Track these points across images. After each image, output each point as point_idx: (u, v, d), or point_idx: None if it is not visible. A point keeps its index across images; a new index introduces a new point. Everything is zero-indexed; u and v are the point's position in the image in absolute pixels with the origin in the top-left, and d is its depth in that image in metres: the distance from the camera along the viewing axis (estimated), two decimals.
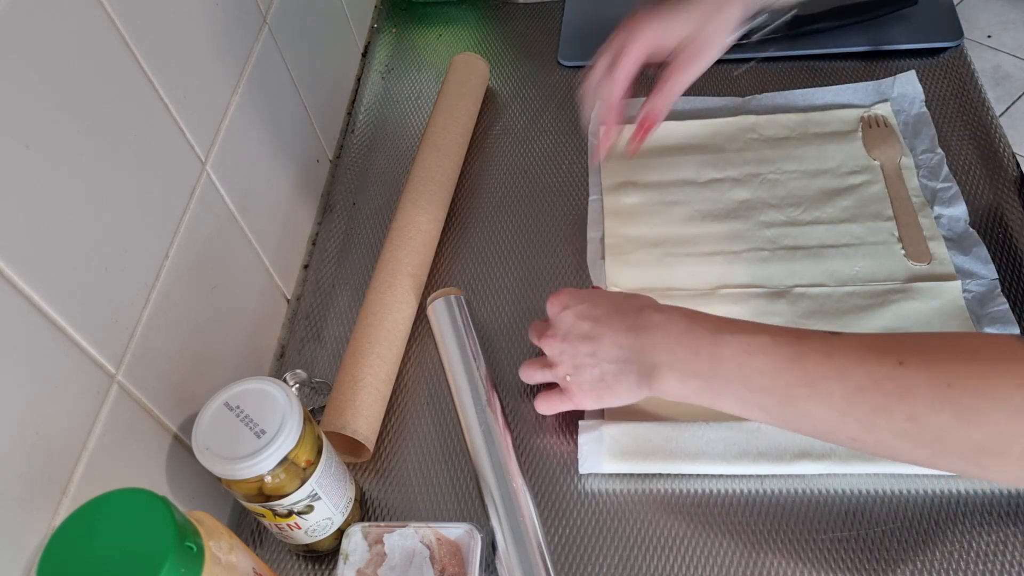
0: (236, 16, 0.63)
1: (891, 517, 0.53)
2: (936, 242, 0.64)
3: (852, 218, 0.67)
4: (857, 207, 0.68)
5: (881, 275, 0.64)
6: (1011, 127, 1.84)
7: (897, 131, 0.72)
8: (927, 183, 0.68)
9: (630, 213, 0.71)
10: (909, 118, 0.73)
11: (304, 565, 0.57)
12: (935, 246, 0.64)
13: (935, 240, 0.65)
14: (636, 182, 0.73)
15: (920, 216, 0.66)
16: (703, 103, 0.78)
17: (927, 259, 0.64)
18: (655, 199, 0.72)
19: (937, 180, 0.68)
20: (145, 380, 0.50)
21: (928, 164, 0.69)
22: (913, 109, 0.73)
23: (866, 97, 0.76)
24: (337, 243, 0.75)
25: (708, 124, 0.76)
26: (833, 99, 0.76)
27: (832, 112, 0.75)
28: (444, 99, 0.78)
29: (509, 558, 0.52)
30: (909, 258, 0.64)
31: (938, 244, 0.64)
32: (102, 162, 0.47)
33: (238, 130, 0.63)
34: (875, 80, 0.76)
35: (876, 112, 0.74)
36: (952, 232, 0.65)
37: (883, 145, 0.72)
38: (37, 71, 0.42)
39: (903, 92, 0.75)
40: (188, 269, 0.55)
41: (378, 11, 0.97)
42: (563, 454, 0.59)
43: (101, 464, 0.45)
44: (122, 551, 0.37)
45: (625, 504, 0.56)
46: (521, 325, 0.66)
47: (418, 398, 0.64)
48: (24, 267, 0.40)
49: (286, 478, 0.48)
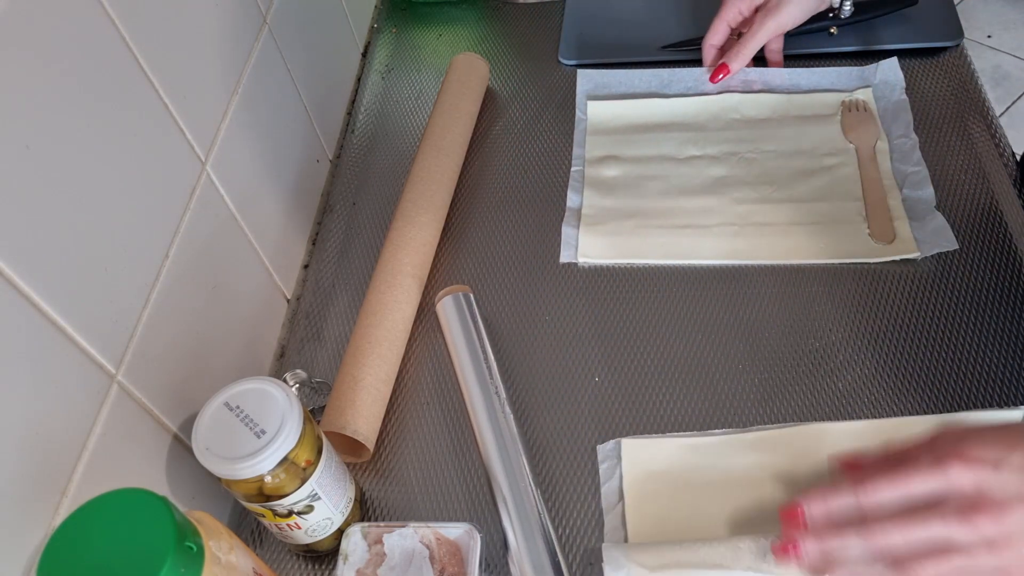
0: (236, 16, 0.63)
1: None
2: (901, 222, 0.66)
3: (822, 197, 0.69)
4: (828, 187, 0.70)
5: (843, 252, 0.66)
6: (1011, 127, 1.84)
7: (876, 116, 0.74)
8: (899, 167, 0.70)
9: (609, 185, 0.73)
10: (889, 104, 0.75)
11: (304, 565, 0.57)
12: (900, 226, 0.66)
13: (900, 220, 0.66)
14: (618, 156, 0.76)
15: (888, 198, 0.68)
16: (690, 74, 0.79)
17: (890, 238, 0.65)
18: (634, 172, 0.74)
19: (909, 164, 0.70)
20: (145, 380, 0.50)
21: (902, 148, 0.71)
22: (894, 96, 0.75)
23: (849, 82, 0.77)
24: (337, 243, 0.75)
25: (694, 102, 0.78)
26: (818, 81, 0.78)
27: (814, 95, 0.76)
28: (444, 99, 0.78)
29: (520, 556, 0.52)
30: (873, 237, 0.66)
31: (903, 224, 0.66)
32: (102, 162, 0.47)
33: (238, 130, 0.63)
34: (860, 66, 0.77)
35: (857, 97, 0.76)
36: (917, 213, 0.67)
37: (860, 129, 0.73)
38: (37, 71, 0.42)
39: (885, 79, 0.76)
40: (188, 269, 0.55)
41: (378, 11, 0.97)
42: (575, 457, 0.59)
43: (101, 464, 0.45)
44: (122, 551, 0.37)
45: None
46: (520, 325, 0.66)
47: (418, 398, 0.64)
48: (24, 267, 0.40)
49: (286, 478, 0.48)
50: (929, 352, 0.60)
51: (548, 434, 0.60)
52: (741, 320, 0.64)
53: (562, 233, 0.71)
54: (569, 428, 0.60)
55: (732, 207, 0.70)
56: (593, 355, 0.64)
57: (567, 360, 0.64)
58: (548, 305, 0.67)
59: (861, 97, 0.75)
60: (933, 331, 0.61)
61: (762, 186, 0.71)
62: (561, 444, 0.60)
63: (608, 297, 0.67)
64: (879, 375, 0.60)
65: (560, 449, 0.60)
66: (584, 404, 0.61)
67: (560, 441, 0.60)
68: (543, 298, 0.68)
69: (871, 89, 0.76)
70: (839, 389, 0.60)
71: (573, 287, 0.68)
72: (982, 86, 0.76)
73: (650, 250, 0.68)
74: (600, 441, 0.59)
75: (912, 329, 0.62)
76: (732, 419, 0.59)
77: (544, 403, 0.62)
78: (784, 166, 0.72)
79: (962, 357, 0.60)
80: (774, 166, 0.72)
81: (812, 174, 0.71)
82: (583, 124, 0.79)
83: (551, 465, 0.59)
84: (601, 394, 0.62)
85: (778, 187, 0.71)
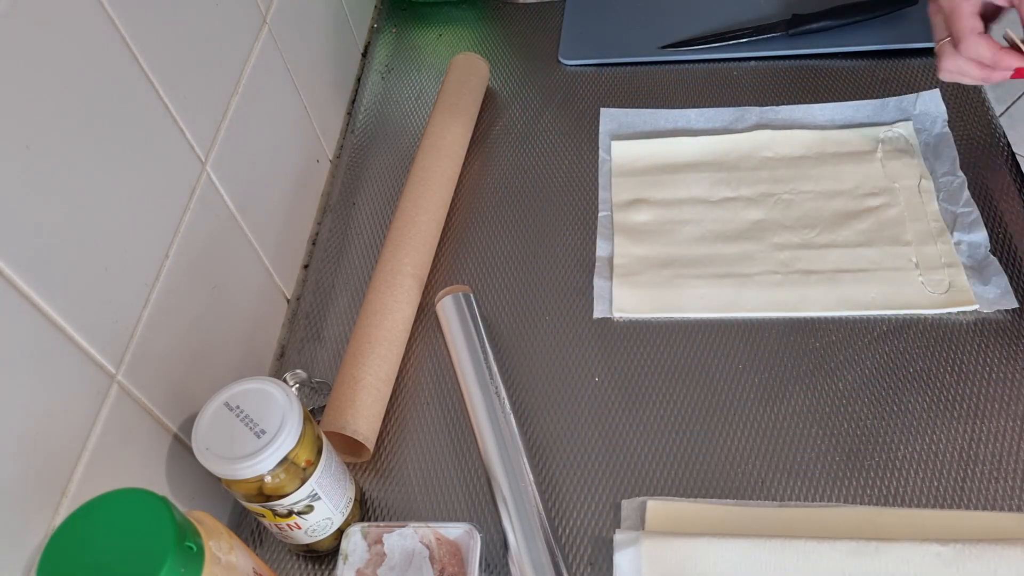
0: (236, 16, 0.63)
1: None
2: (955, 269, 0.63)
3: (868, 242, 0.66)
4: (874, 231, 0.66)
5: (897, 302, 0.62)
6: (1011, 127, 1.83)
7: (918, 152, 0.71)
8: (947, 207, 0.67)
9: (640, 231, 0.70)
10: (931, 138, 0.71)
11: (304, 565, 0.57)
12: (954, 273, 0.63)
13: (954, 267, 0.63)
14: (647, 199, 0.72)
15: (939, 242, 0.65)
16: (719, 115, 0.77)
17: (945, 287, 0.62)
18: (666, 217, 0.71)
19: (958, 205, 0.66)
20: (145, 380, 0.50)
21: (949, 187, 0.67)
22: (935, 128, 0.72)
23: (887, 115, 0.74)
24: (337, 243, 0.75)
25: (723, 140, 0.74)
26: (853, 115, 0.74)
27: (850, 131, 0.73)
28: (444, 99, 0.78)
29: (520, 556, 0.52)
30: (927, 285, 0.63)
31: (957, 271, 0.63)
32: (102, 162, 0.47)
33: (238, 130, 0.63)
34: (896, 96, 0.75)
35: (897, 131, 0.72)
36: (972, 259, 0.63)
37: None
38: (37, 71, 0.42)
39: (925, 110, 0.73)
40: (188, 269, 0.55)
41: (378, 11, 0.97)
42: (575, 454, 0.59)
43: (101, 464, 0.45)
44: (122, 551, 0.37)
45: None
46: (521, 325, 0.66)
47: (418, 398, 0.64)
48: (24, 267, 0.40)
49: (286, 478, 0.48)
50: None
51: (548, 434, 0.60)
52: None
53: (594, 286, 0.67)
54: (569, 428, 0.60)
55: (773, 253, 0.66)
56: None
57: (568, 360, 0.64)
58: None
59: (901, 131, 0.72)
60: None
61: (803, 230, 0.67)
62: (561, 444, 0.60)
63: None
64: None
65: (560, 449, 0.60)
66: (585, 405, 0.61)
67: (560, 441, 0.60)
68: (543, 299, 0.68)
69: (911, 122, 0.72)
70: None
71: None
72: (982, 86, 0.76)
73: (689, 302, 0.65)
74: (600, 441, 0.59)
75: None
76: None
77: (544, 403, 0.62)
78: (824, 207, 0.68)
79: None
80: (813, 207, 0.69)
81: (855, 216, 0.67)
82: (607, 165, 0.75)
83: (551, 465, 0.59)
84: (602, 394, 0.62)
85: (820, 231, 0.67)
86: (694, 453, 0.58)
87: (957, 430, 0.56)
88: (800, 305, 0.64)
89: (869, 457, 0.56)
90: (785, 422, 0.59)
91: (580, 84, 0.84)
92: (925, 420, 0.57)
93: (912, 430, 0.57)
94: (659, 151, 0.75)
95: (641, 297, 0.66)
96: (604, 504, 0.57)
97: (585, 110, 0.81)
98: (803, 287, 0.64)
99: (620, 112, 0.79)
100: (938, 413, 0.57)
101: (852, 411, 0.58)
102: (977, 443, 0.56)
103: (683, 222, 0.70)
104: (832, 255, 0.66)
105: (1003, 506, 0.53)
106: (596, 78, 0.84)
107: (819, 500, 0.55)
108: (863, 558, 0.50)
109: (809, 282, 0.64)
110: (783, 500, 0.55)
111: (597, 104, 0.81)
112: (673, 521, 0.54)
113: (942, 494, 0.54)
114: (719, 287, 0.65)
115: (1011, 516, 0.52)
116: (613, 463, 0.58)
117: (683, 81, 0.82)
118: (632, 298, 0.66)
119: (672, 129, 0.77)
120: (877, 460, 0.56)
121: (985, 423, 0.56)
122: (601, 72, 0.84)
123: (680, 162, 0.74)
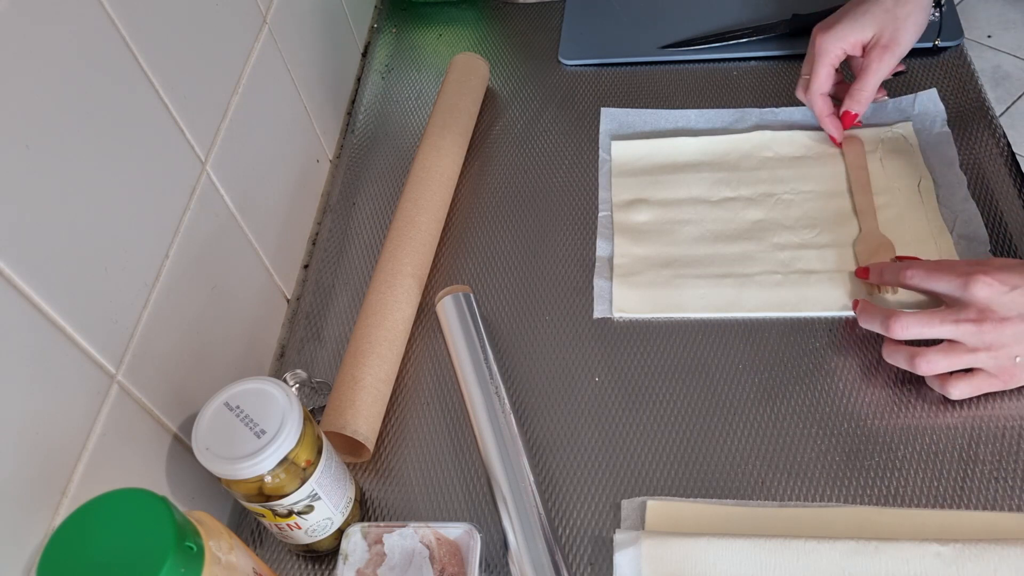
0: (236, 16, 0.63)
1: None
2: None
3: None
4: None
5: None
6: (1011, 127, 1.84)
7: (918, 152, 0.71)
8: (947, 207, 0.67)
9: (640, 231, 0.70)
10: (930, 137, 0.71)
11: (304, 565, 0.57)
12: None
13: None
14: (647, 199, 0.72)
15: (939, 241, 0.65)
16: (719, 115, 0.77)
17: None
18: (666, 217, 0.71)
19: (958, 204, 0.66)
20: (145, 380, 0.50)
21: (949, 187, 0.68)
22: (935, 128, 0.71)
23: (886, 115, 0.74)
24: (337, 243, 0.75)
25: (723, 140, 0.74)
26: None
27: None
28: (444, 99, 0.78)
29: (520, 556, 0.52)
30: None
31: None
32: (102, 162, 0.47)
33: (238, 130, 0.63)
34: (895, 97, 0.75)
35: (897, 131, 0.72)
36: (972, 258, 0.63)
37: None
38: (37, 71, 0.42)
39: (924, 110, 0.73)
40: (188, 269, 0.55)
41: (378, 11, 0.97)
42: (575, 454, 0.59)
43: (101, 464, 0.45)
44: (122, 551, 0.37)
45: None
46: (521, 325, 0.66)
47: (418, 398, 0.64)
48: (24, 267, 0.40)
49: (286, 478, 0.48)
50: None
51: (548, 434, 0.60)
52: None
53: (594, 286, 0.67)
54: (569, 428, 0.60)
55: (773, 253, 0.66)
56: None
57: (568, 360, 0.64)
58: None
59: (901, 131, 0.72)
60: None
61: (803, 230, 0.67)
62: (561, 444, 0.60)
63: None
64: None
65: (560, 449, 0.60)
66: (585, 405, 0.61)
67: (560, 441, 0.60)
68: (543, 299, 0.68)
69: (911, 123, 0.72)
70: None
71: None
72: (982, 86, 0.76)
73: (689, 302, 0.65)
74: (600, 441, 0.59)
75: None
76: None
77: (544, 403, 0.62)
78: (825, 207, 0.69)
79: None
80: (814, 208, 0.69)
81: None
82: (607, 165, 0.75)
83: (551, 465, 0.59)
84: (602, 394, 0.62)
85: (821, 231, 0.67)
86: (694, 453, 0.58)
87: (957, 430, 0.57)
88: (800, 305, 0.64)
89: (869, 457, 0.56)
90: (785, 422, 0.59)
91: (580, 84, 0.84)
92: (925, 420, 0.57)
93: (912, 430, 0.57)
94: (659, 151, 0.75)
95: (641, 297, 0.66)
96: (604, 504, 0.57)
97: (585, 110, 0.81)
98: (803, 287, 0.64)
99: (620, 112, 0.79)
100: (938, 413, 0.57)
101: (852, 411, 0.58)
102: (977, 443, 0.56)
103: (683, 222, 0.70)
104: (831, 254, 0.66)
105: (1003, 506, 0.53)
106: (596, 78, 0.84)
107: (819, 500, 0.55)
108: (863, 558, 0.50)
109: (809, 282, 0.65)
110: (783, 500, 0.55)
111: (597, 104, 0.81)
112: (673, 521, 0.54)
113: (942, 494, 0.54)
114: (719, 287, 0.65)
115: (1011, 516, 0.52)
116: (613, 463, 0.58)
117: (683, 81, 0.82)
118: (632, 298, 0.66)
119: (672, 129, 0.77)
120: (877, 460, 0.56)
121: (985, 423, 0.57)
122: (601, 72, 0.84)
123: (680, 162, 0.74)
